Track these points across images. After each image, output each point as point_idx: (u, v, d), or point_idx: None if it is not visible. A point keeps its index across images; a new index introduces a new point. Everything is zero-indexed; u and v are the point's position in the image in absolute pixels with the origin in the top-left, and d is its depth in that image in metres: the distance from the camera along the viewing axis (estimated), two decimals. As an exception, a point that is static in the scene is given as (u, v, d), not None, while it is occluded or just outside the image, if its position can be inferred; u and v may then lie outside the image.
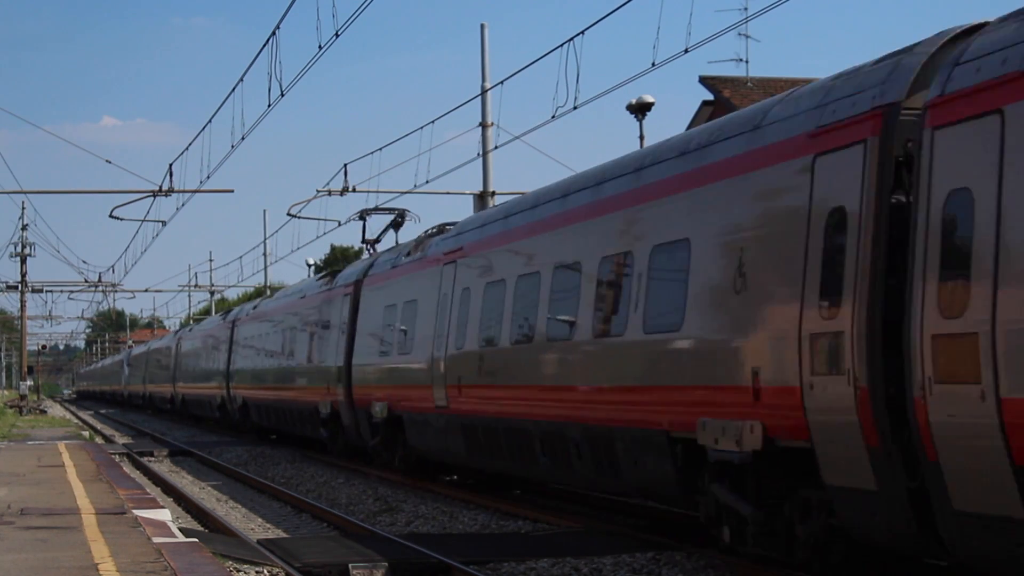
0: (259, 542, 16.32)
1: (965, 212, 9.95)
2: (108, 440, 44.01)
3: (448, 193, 38.87)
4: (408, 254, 24.88)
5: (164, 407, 65.36)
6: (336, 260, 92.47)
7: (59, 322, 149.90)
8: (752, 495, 12.71)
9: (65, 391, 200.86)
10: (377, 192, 35.75)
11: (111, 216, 40.85)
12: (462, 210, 65.62)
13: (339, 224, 41.13)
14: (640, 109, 31.50)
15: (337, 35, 20.86)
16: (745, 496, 12.83)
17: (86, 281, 68.34)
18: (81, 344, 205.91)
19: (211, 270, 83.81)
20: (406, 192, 35.30)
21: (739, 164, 13.23)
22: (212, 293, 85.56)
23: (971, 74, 10.19)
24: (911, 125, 10.96)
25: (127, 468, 28.16)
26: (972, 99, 10.08)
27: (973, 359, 9.62)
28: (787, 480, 12.39)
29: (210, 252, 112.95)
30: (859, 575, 12.25)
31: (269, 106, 25.28)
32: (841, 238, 11.30)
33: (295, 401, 33.21)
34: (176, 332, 68.41)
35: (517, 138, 31.23)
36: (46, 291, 73.07)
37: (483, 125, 32.59)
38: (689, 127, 34.75)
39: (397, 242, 30.30)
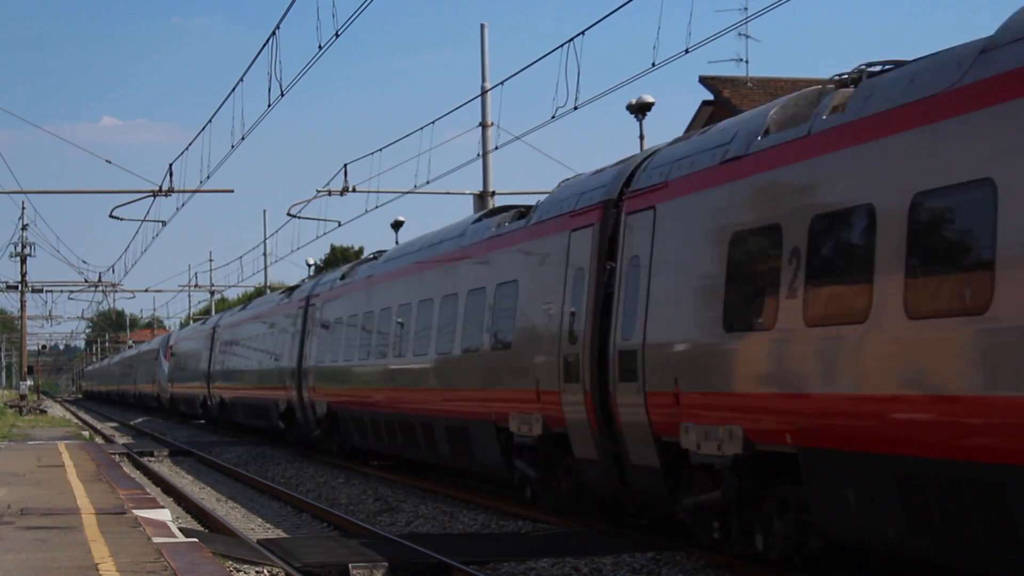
0: (259, 542, 16.33)
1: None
2: (108, 440, 44.02)
3: (448, 193, 38.72)
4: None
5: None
6: (336, 260, 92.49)
7: (59, 322, 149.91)
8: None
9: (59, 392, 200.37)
10: (377, 192, 35.70)
11: (111, 216, 40.83)
12: (462, 210, 65.58)
13: (339, 224, 41.20)
14: (640, 109, 31.49)
15: (337, 35, 20.87)
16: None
17: (86, 281, 68.36)
18: (81, 344, 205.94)
19: (211, 270, 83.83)
20: (406, 192, 35.31)
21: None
22: (212, 293, 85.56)
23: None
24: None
25: (127, 468, 28.17)
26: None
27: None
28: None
29: (210, 252, 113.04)
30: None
31: (269, 106, 25.31)
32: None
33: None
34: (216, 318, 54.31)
35: (517, 138, 31.28)
36: (46, 291, 73.11)
37: (483, 125, 32.60)
38: (689, 127, 34.78)
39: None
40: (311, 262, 67.62)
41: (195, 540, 13.27)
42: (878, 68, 12.22)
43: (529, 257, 18.70)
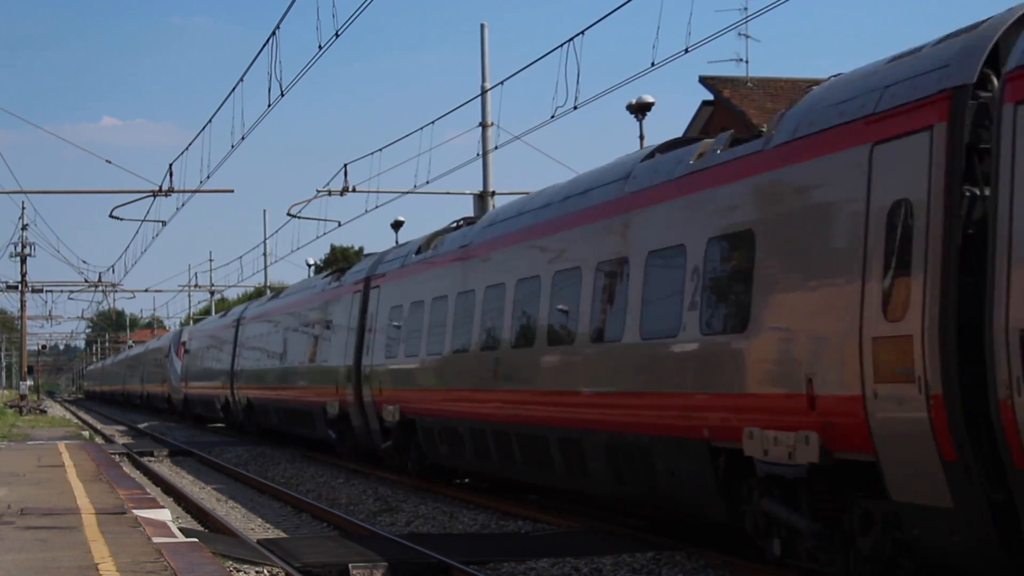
0: (259, 542, 16.32)
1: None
2: (108, 440, 44.00)
3: (448, 193, 38.69)
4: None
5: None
6: (336, 260, 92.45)
7: (59, 322, 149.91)
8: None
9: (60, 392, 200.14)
10: (377, 192, 35.68)
11: (111, 216, 40.80)
12: (462, 210, 65.52)
13: (339, 224, 41.13)
14: (640, 109, 31.46)
15: (337, 35, 20.84)
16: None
17: (86, 281, 68.31)
18: (81, 344, 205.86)
19: (211, 270, 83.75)
20: (406, 192, 35.27)
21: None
22: (212, 293, 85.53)
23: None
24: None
25: (127, 468, 28.16)
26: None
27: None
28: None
29: (210, 252, 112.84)
30: None
31: (269, 106, 25.28)
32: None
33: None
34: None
35: (517, 138, 31.25)
36: (46, 291, 73.02)
37: (483, 125, 32.57)
38: (689, 127, 34.75)
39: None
40: (311, 262, 67.58)
41: (195, 540, 13.26)
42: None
43: (775, 197, 12.56)
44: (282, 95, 24.43)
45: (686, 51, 19.24)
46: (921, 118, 10.45)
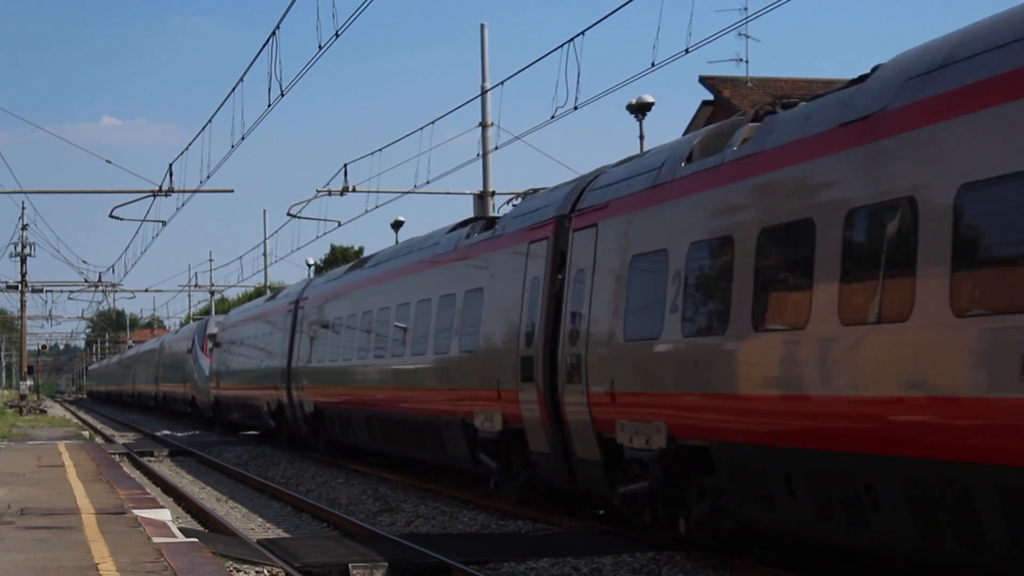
0: (259, 542, 16.32)
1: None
2: (108, 440, 44.00)
3: (448, 193, 38.74)
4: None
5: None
6: (336, 260, 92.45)
7: (59, 322, 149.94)
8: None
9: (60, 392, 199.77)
10: (377, 192, 35.68)
11: (111, 216, 40.82)
12: (462, 210, 65.61)
13: (339, 224, 41.12)
14: (640, 109, 31.50)
15: (337, 35, 20.86)
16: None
17: (86, 281, 68.33)
18: (81, 344, 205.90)
19: (211, 270, 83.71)
20: (406, 192, 35.28)
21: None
22: (212, 293, 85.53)
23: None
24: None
25: (127, 468, 28.16)
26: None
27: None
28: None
29: (210, 252, 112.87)
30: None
31: (269, 106, 25.30)
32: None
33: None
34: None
35: (517, 138, 31.27)
36: (46, 291, 73.06)
37: (483, 125, 32.59)
38: (689, 127, 34.78)
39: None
40: (311, 262, 67.60)
41: (195, 540, 13.27)
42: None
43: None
44: (282, 95, 24.46)
45: (686, 51, 19.27)
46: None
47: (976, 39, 10.40)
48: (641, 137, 31.57)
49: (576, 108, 22.87)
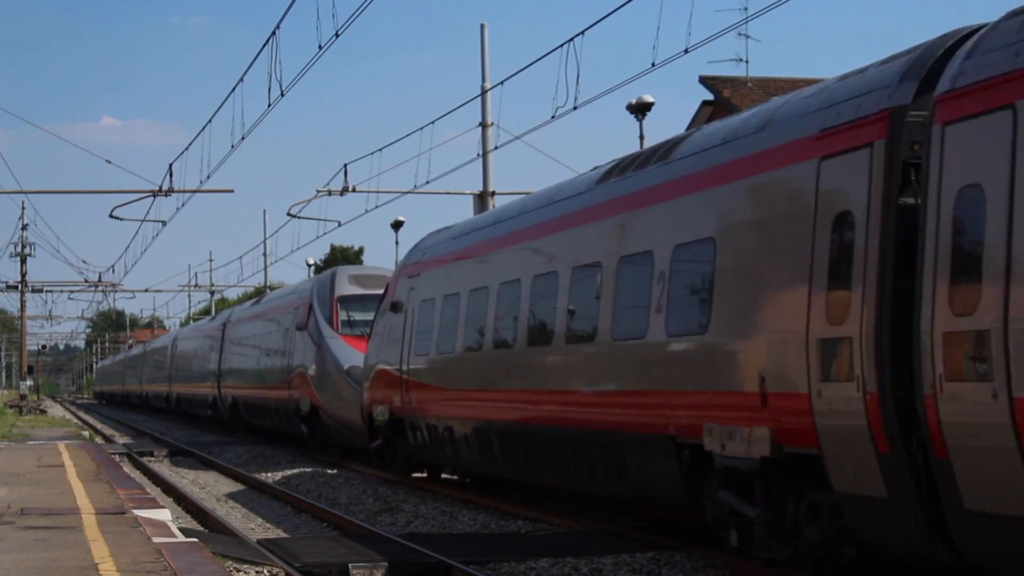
0: (259, 542, 16.32)
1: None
2: (108, 440, 43.99)
3: (448, 193, 38.67)
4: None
5: None
6: (336, 260, 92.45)
7: (59, 322, 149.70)
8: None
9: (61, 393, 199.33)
10: (377, 192, 35.66)
11: (111, 216, 40.91)
12: (462, 210, 65.58)
13: (339, 224, 41.00)
14: (640, 109, 31.50)
15: (337, 35, 20.87)
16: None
17: (86, 281, 68.38)
18: (81, 344, 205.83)
19: (211, 270, 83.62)
20: (406, 192, 35.24)
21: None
22: (212, 293, 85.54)
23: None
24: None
25: (127, 468, 28.15)
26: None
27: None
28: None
29: (210, 252, 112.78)
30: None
31: (269, 106, 25.31)
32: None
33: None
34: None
35: (517, 138, 31.26)
36: (46, 291, 73.17)
37: (483, 125, 32.58)
38: (689, 127, 34.75)
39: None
40: (311, 262, 67.56)
41: (195, 540, 13.26)
42: None
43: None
44: (282, 95, 24.47)
45: (686, 51, 19.27)
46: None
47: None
48: (641, 137, 31.57)
49: (576, 108, 22.85)
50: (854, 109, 11.53)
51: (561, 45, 22.67)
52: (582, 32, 22.21)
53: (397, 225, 49.92)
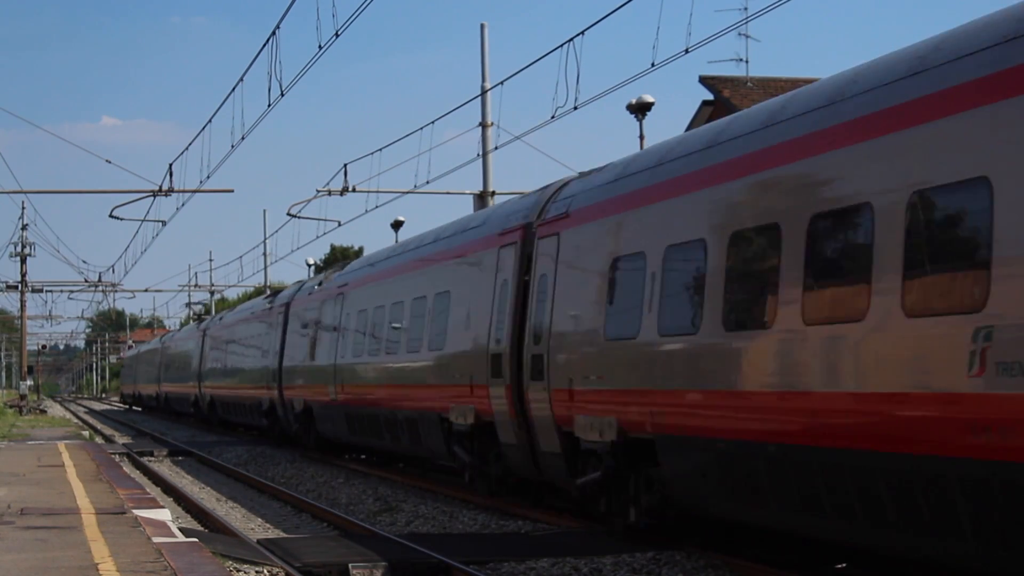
0: (259, 542, 16.32)
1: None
2: (108, 440, 43.99)
3: (448, 193, 38.70)
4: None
5: None
6: (336, 260, 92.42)
7: (59, 322, 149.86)
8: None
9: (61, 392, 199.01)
10: (377, 192, 35.66)
11: (111, 216, 40.85)
12: (462, 210, 65.63)
13: (339, 224, 41.05)
14: (640, 109, 31.48)
15: (337, 35, 20.87)
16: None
17: (86, 281, 68.36)
18: (81, 344, 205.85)
19: (211, 270, 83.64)
20: (406, 192, 35.26)
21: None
22: (212, 293, 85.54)
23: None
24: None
25: (127, 468, 28.16)
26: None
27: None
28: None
29: (210, 252, 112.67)
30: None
31: (269, 106, 25.31)
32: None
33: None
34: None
35: (517, 138, 31.26)
36: (46, 291, 73.11)
37: (483, 125, 32.59)
38: (689, 127, 34.76)
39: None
40: (311, 262, 67.53)
41: (195, 540, 13.26)
42: None
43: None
44: (282, 95, 24.47)
45: (686, 51, 19.27)
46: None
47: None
48: (641, 137, 31.56)
49: (576, 108, 22.93)
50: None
51: (561, 45, 22.71)
52: (582, 32, 22.23)
53: (397, 225, 49.86)
